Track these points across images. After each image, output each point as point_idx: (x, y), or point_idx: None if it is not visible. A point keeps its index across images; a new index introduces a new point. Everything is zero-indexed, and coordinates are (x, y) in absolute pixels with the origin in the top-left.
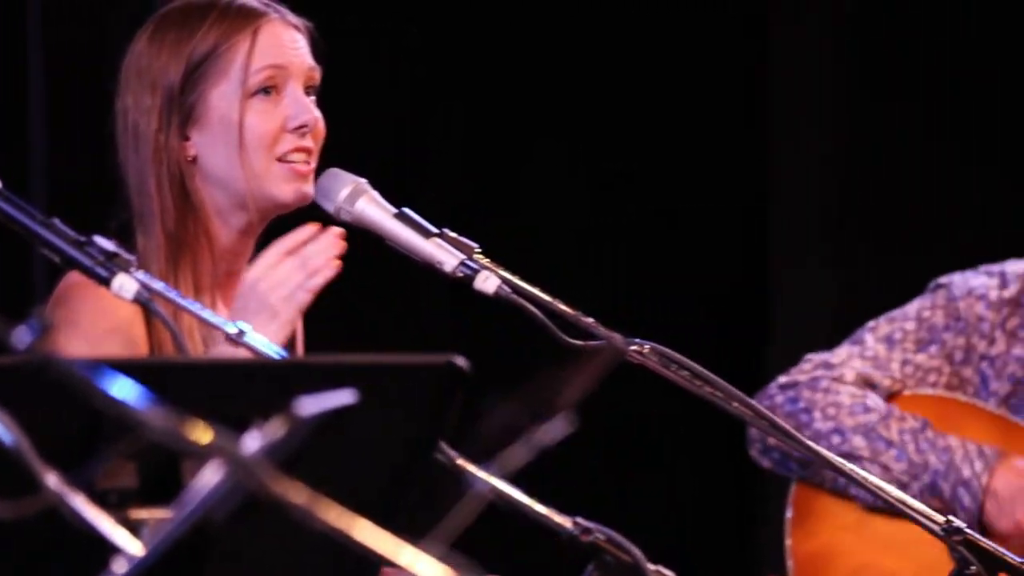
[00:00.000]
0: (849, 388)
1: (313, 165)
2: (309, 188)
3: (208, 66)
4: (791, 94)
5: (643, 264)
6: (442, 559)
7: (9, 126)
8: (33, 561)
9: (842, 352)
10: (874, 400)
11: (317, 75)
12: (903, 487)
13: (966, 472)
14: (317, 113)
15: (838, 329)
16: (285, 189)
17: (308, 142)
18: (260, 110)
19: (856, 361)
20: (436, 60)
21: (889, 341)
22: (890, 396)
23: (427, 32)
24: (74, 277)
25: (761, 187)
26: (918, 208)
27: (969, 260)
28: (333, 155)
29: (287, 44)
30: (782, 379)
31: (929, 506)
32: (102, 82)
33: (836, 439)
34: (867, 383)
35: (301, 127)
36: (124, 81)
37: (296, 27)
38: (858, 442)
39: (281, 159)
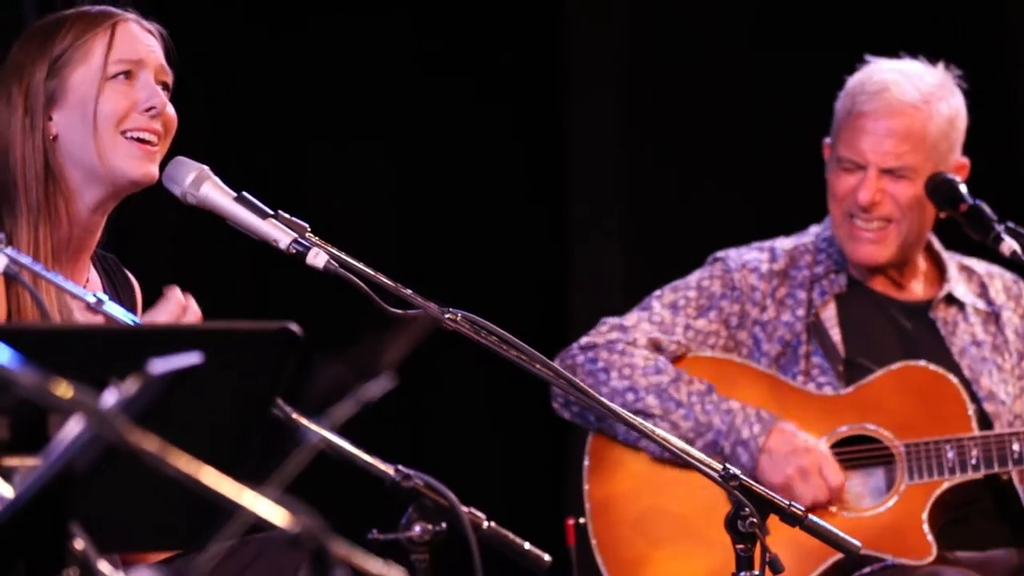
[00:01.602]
0: (642, 352)
1: (160, 149)
2: (154, 169)
3: (69, 55)
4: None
5: (456, 239)
6: (279, 502)
7: None
8: None
9: (633, 317)
10: (664, 363)
11: (170, 77)
12: (688, 443)
13: (745, 433)
14: (167, 101)
15: (628, 295)
16: (133, 165)
17: (157, 125)
18: (115, 91)
19: (645, 325)
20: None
21: (674, 307)
22: (676, 358)
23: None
24: None
25: (561, 176)
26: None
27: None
28: (183, 145)
29: (142, 41)
30: (582, 340)
31: None
32: None
33: (631, 396)
34: (656, 347)
35: (150, 109)
36: (0, 82)
37: (150, 31)
38: (651, 401)
39: (127, 134)
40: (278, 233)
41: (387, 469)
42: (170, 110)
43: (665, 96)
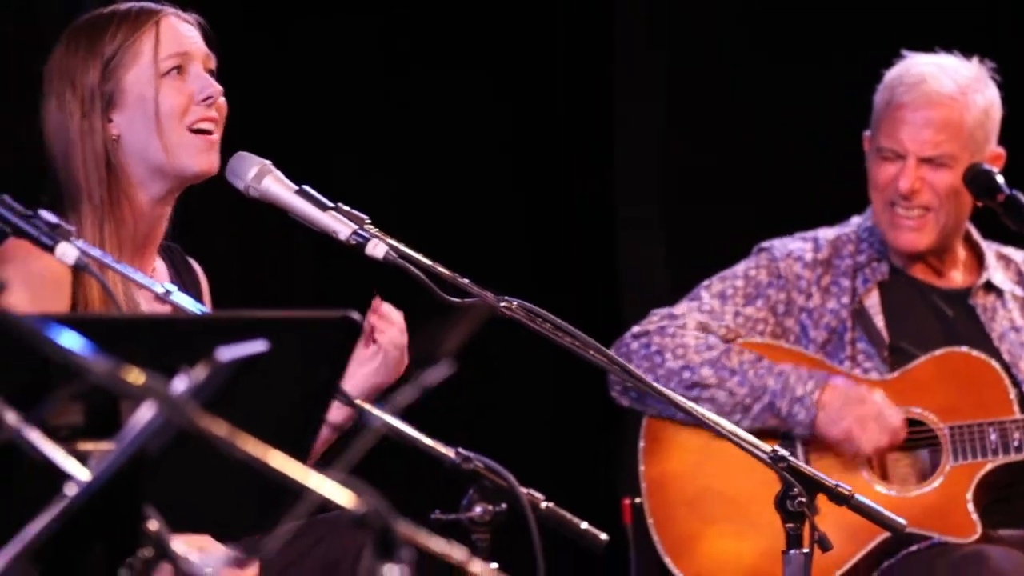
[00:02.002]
0: (692, 332)
1: (218, 136)
2: (217, 159)
3: (120, 57)
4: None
5: (515, 230)
6: (344, 484)
7: None
8: None
9: (682, 306)
10: (714, 339)
11: (213, 62)
12: (746, 408)
13: (799, 390)
14: (220, 87)
15: (676, 288)
16: (198, 158)
17: (214, 112)
18: (171, 87)
19: (695, 313)
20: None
21: (722, 297)
22: (725, 342)
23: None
24: (11, 245)
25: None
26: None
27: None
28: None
29: (185, 34)
30: (635, 329)
31: (768, 424)
32: (38, 78)
33: (687, 374)
34: (706, 330)
35: (207, 98)
36: (47, 85)
37: (189, 21)
38: (705, 372)
39: (191, 128)
40: (338, 225)
41: (448, 452)
42: (222, 93)
43: (708, 91)
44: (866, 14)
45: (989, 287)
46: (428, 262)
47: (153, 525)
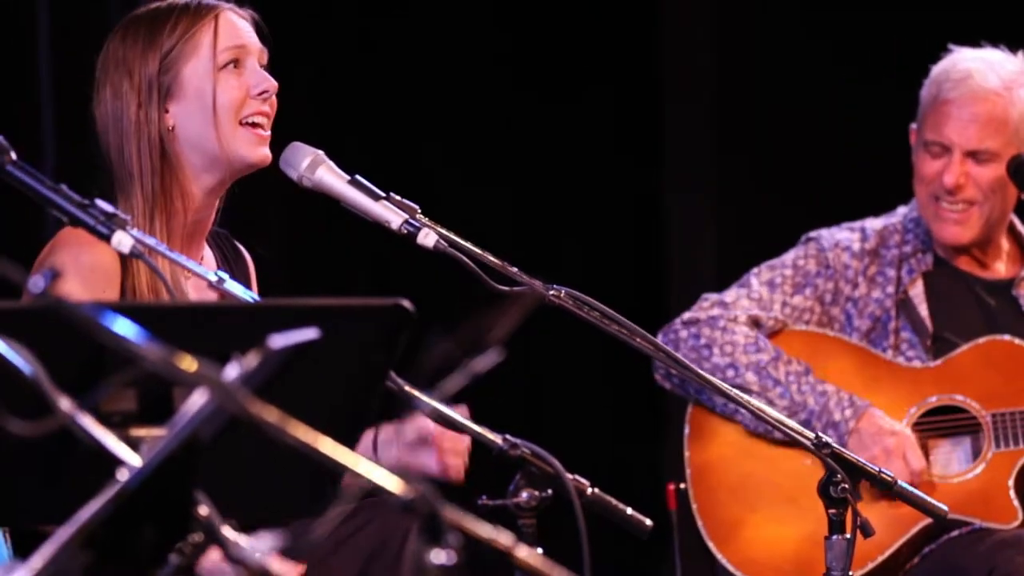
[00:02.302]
0: (743, 329)
1: (269, 131)
2: (268, 151)
3: (179, 50)
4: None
5: (561, 221)
6: (393, 470)
7: (22, 108)
8: (50, 472)
9: (732, 293)
10: (764, 342)
11: (266, 56)
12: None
13: (837, 416)
14: (275, 83)
15: (724, 273)
16: (252, 151)
17: (267, 107)
18: (228, 82)
19: (744, 302)
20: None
21: (771, 285)
22: (773, 333)
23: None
24: (64, 234)
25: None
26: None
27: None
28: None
29: (241, 28)
30: (685, 316)
31: None
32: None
33: (731, 373)
34: (756, 323)
35: (263, 92)
36: (102, 75)
37: (244, 17)
38: (750, 377)
39: (245, 122)
40: (390, 214)
41: (495, 438)
42: (277, 88)
43: (756, 86)
44: (913, 9)
45: None
46: (478, 251)
47: (204, 510)
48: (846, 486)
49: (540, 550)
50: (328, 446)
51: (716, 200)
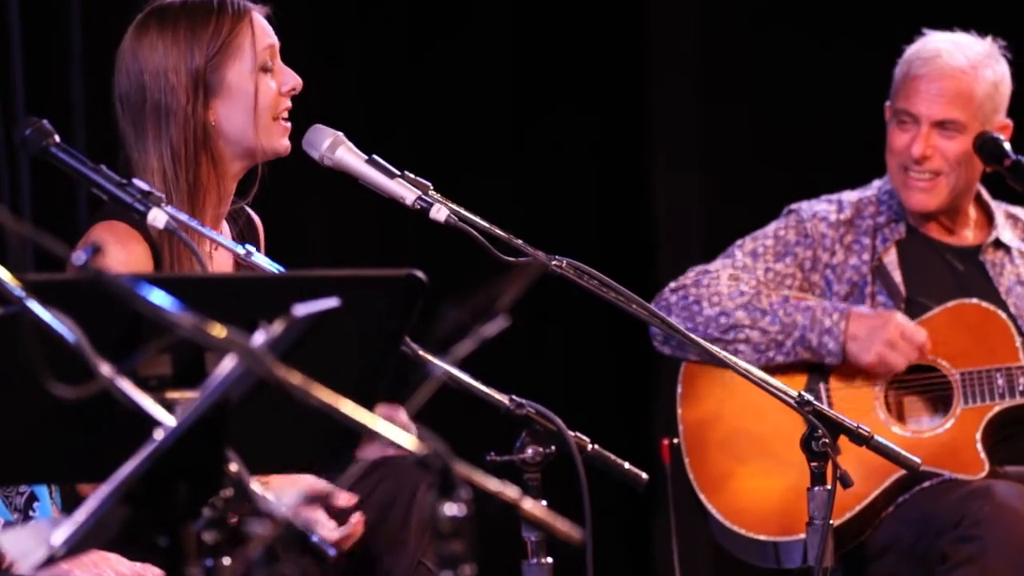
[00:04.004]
0: (724, 280)
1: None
2: (289, 141)
3: (224, 50)
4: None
5: (562, 196)
6: (408, 428)
7: (55, 92)
8: (92, 432)
9: (716, 263)
10: (745, 286)
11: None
12: (780, 344)
13: (827, 322)
14: (300, 79)
15: (710, 248)
16: (281, 144)
17: (289, 102)
18: (265, 83)
19: (729, 269)
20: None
21: (754, 254)
22: None
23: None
24: (97, 228)
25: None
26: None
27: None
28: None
29: (267, 29)
30: (672, 284)
31: (801, 357)
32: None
33: (723, 319)
34: (737, 280)
35: (291, 90)
36: (137, 66)
37: (265, 13)
38: (740, 315)
39: (277, 117)
40: (404, 191)
41: (502, 399)
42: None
43: (742, 65)
44: None
45: (998, 244)
46: (486, 224)
47: (234, 467)
48: (826, 440)
49: (544, 502)
50: (348, 406)
51: (702, 177)
